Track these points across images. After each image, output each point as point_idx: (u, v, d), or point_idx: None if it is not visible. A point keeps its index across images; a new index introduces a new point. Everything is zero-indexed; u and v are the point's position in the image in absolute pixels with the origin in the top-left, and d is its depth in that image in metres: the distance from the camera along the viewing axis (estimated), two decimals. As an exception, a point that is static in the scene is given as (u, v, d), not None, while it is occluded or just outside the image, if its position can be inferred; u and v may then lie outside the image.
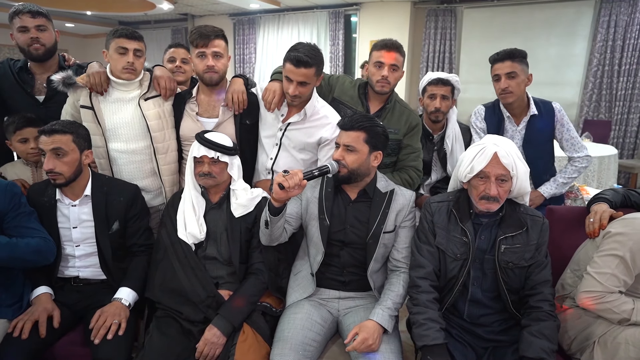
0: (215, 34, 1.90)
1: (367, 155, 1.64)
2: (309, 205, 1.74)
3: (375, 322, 1.55)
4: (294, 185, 1.47)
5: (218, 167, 1.73)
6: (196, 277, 1.69)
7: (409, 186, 2.04)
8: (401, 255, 1.70)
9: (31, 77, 2.24)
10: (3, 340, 1.56)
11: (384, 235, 1.67)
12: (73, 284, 1.82)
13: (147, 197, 2.05)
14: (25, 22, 2.11)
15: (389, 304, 1.60)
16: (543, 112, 2.23)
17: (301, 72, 1.81)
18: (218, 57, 1.92)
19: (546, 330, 1.44)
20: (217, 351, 1.55)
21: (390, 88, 2.08)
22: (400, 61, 2.05)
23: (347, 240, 1.69)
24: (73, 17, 8.21)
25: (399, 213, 1.71)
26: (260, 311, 1.71)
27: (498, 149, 1.50)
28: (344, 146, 1.64)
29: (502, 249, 1.54)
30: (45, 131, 1.68)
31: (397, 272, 1.69)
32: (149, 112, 1.97)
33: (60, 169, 1.68)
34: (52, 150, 1.67)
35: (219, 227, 1.78)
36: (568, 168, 2.28)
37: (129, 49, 1.89)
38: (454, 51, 6.61)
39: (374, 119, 1.70)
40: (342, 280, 1.73)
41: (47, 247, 1.67)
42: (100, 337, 1.58)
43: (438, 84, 2.27)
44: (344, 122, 1.67)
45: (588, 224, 1.64)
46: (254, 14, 7.94)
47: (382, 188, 1.72)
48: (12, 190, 1.66)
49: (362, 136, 1.63)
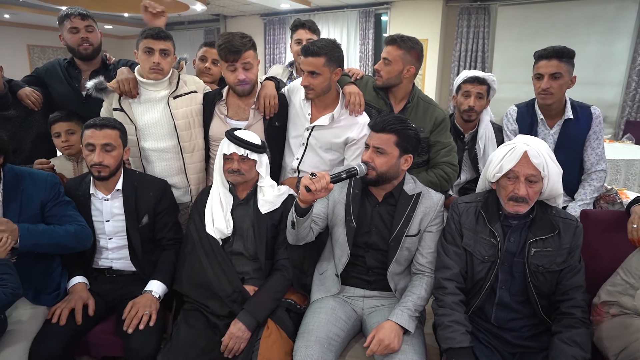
0: (244, 47, 1.88)
1: (397, 158, 1.60)
2: (336, 207, 1.73)
3: (393, 323, 1.53)
4: (321, 188, 1.46)
5: (247, 164, 1.76)
6: (222, 271, 1.73)
7: (446, 182, 2.00)
8: (425, 260, 1.66)
9: (78, 72, 2.40)
10: (42, 326, 1.64)
11: (406, 238, 1.64)
12: (107, 275, 1.89)
13: (177, 194, 2.10)
14: (76, 24, 2.27)
15: (409, 305, 1.58)
16: (580, 116, 2.13)
17: (308, 60, 1.82)
18: (248, 69, 1.93)
19: (578, 337, 1.39)
20: (242, 345, 1.58)
21: (384, 82, 2.03)
22: (394, 55, 1.99)
23: (371, 242, 1.68)
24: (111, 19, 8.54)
25: (424, 217, 1.66)
26: (285, 307, 1.72)
27: (528, 148, 1.45)
28: (374, 148, 1.61)
29: (532, 252, 1.49)
30: (96, 125, 1.76)
31: (421, 275, 1.66)
32: (177, 111, 2.02)
33: (107, 162, 1.76)
34: (103, 145, 1.75)
35: (246, 223, 1.81)
36: (587, 189, 2.12)
37: (155, 49, 1.94)
38: (487, 50, 6.47)
39: (406, 121, 1.64)
40: (367, 280, 1.73)
41: (84, 233, 1.75)
42: (133, 327, 1.63)
43: (474, 82, 2.22)
44: (375, 122, 1.63)
45: (631, 229, 1.56)
46: (285, 14, 8.02)
47: (409, 190, 1.68)
48: (52, 181, 1.75)
49: (393, 139, 1.59)
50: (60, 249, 1.70)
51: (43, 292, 1.73)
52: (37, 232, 1.61)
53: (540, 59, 2.07)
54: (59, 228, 1.68)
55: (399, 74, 2.00)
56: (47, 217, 1.72)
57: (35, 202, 1.69)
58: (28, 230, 1.58)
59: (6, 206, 1.64)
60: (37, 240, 1.60)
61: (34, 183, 1.71)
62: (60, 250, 1.71)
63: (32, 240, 1.58)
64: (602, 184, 2.14)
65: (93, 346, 1.74)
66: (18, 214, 1.64)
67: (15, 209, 1.65)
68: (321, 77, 1.86)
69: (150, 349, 1.60)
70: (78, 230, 1.72)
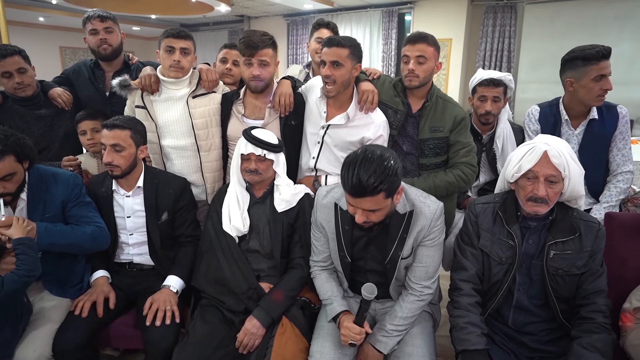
0: (263, 44, 1.91)
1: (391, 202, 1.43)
2: (330, 243, 1.67)
3: (370, 346, 1.55)
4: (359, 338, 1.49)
5: (264, 164, 1.78)
6: (239, 268, 1.75)
7: (464, 183, 1.97)
8: (413, 273, 1.59)
9: (102, 73, 2.48)
10: (66, 317, 1.71)
11: (401, 261, 1.57)
12: (128, 269, 1.95)
13: (197, 191, 2.14)
14: (95, 26, 2.36)
15: (387, 327, 1.56)
16: (605, 116, 2.06)
17: (333, 50, 1.84)
18: (264, 66, 1.96)
19: (599, 343, 1.35)
20: (257, 342, 1.60)
21: (420, 81, 1.95)
22: (429, 52, 1.91)
23: (368, 268, 1.64)
24: (139, 21, 8.76)
25: (418, 234, 1.54)
26: (300, 305, 1.74)
27: (549, 148, 1.42)
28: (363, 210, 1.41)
29: (552, 255, 1.46)
30: (107, 125, 1.82)
31: (406, 292, 1.61)
32: (196, 110, 2.07)
33: (117, 162, 1.80)
34: (112, 145, 1.80)
35: (262, 221, 1.83)
36: (612, 191, 2.04)
37: (175, 48, 1.99)
38: (513, 49, 6.32)
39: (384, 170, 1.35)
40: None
41: (101, 235, 1.79)
42: (159, 320, 1.68)
43: (489, 85, 2.18)
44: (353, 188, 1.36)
45: None
46: (308, 14, 8.06)
47: (400, 209, 1.52)
48: (74, 182, 1.81)
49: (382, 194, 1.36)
50: (76, 249, 1.74)
51: (67, 285, 1.79)
52: (55, 231, 1.65)
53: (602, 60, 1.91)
54: (77, 229, 1.72)
55: (432, 71, 1.98)
56: (67, 217, 1.77)
57: (57, 202, 1.74)
58: (46, 229, 1.62)
59: (31, 207, 1.70)
60: (54, 239, 1.63)
61: (57, 183, 1.76)
62: (76, 250, 1.75)
63: (48, 239, 1.62)
64: (629, 185, 2.06)
65: (114, 338, 1.79)
66: (41, 213, 1.70)
67: (39, 209, 1.70)
68: (343, 69, 1.88)
69: (168, 342, 1.64)
70: (95, 232, 1.76)
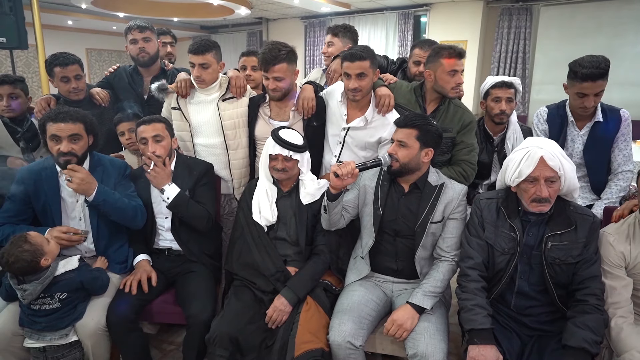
0: (275, 60, 2.06)
1: (417, 151, 1.77)
2: (366, 194, 1.91)
3: (408, 305, 1.71)
4: (347, 173, 1.68)
5: (291, 163, 1.97)
6: (267, 254, 1.95)
7: (464, 179, 2.12)
8: (445, 244, 1.81)
9: (140, 78, 2.72)
10: (116, 294, 1.94)
11: (431, 224, 1.80)
12: (167, 254, 2.17)
13: (225, 186, 2.40)
14: (135, 36, 2.63)
15: (424, 287, 1.75)
16: (609, 119, 2.20)
17: (357, 64, 2.02)
18: (279, 80, 2.14)
19: (591, 322, 1.50)
20: (284, 318, 1.80)
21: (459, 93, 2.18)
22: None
23: (399, 229, 1.84)
24: (162, 24, 9.02)
25: (447, 205, 1.81)
26: (322, 287, 1.93)
27: (543, 152, 1.54)
28: (397, 142, 1.79)
29: (549, 246, 1.60)
30: (145, 121, 2.07)
31: (439, 260, 1.82)
32: (225, 112, 2.29)
33: (159, 152, 2.04)
34: (153, 137, 2.03)
35: (289, 212, 2.03)
36: (613, 188, 2.17)
37: (196, 64, 2.22)
38: (528, 51, 6.40)
39: (427, 118, 1.83)
40: (394, 269, 1.90)
41: (142, 212, 2.03)
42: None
43: (502, 87, 2.35)
44: (399, 120, 1.83)
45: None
46: (325, 16, 8.23)
47: (432, 182, 1.83)
48: (124, 168, 2.11)
49: (414, 133, 1.76)
50: (120, 215, 1.95)
51: (114, 262, 2.04)
52: (109, 192, 1.92)
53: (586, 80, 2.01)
54: (124, 199, 1.97)
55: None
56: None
57: (110, 183, 2.00)
58: (103, 188, 1.90)
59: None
60: (107, 197, 1.89)
61: (112, 166, 2.05)
62: (119, 216, 1.96)
63: (103, 195, 1.88)
64: (629, 183, 2.20)
65: (157, 314, 2.01)
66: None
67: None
68: (368, 79, 2.07)
69: (207, 315, 1.85)
70: (138, 207, 2.02)
